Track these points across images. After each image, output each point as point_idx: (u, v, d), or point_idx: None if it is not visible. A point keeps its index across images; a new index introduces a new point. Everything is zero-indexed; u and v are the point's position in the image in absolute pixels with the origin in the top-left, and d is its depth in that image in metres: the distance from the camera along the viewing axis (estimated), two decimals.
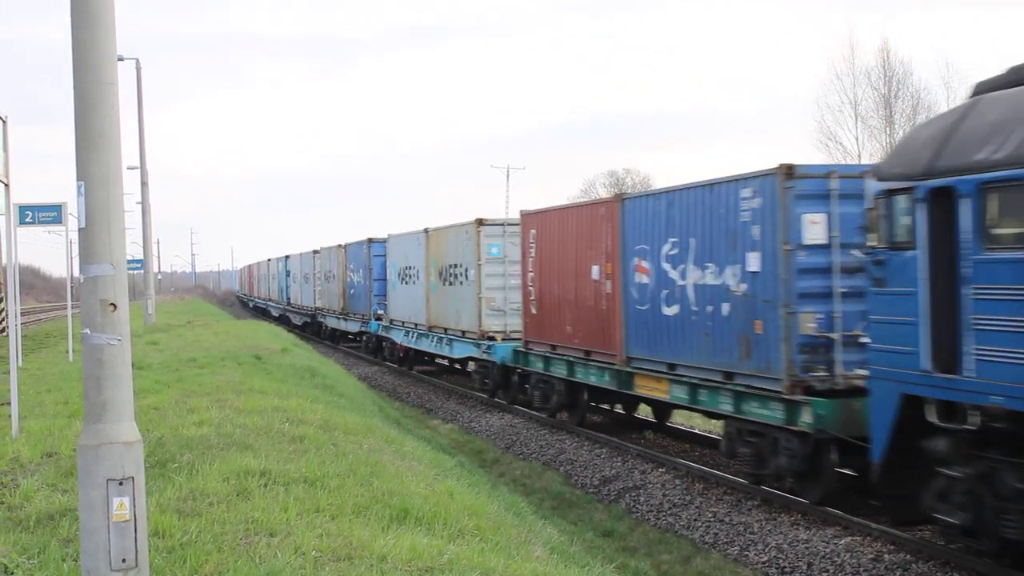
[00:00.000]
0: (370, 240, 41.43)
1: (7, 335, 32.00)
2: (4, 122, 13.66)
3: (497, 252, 27.72)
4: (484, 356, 27.64)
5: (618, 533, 15.06)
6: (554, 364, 23.30)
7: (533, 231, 24.35)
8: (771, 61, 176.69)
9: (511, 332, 27.05)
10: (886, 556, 12.88)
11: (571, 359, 22.35)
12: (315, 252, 53.93)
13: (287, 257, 65.94)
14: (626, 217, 19.82)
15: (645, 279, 19.04)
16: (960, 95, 59.69)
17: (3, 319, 41.09)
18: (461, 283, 29.21)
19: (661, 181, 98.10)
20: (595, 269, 20.91)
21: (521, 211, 25.18)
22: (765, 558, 13.67)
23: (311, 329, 56.65)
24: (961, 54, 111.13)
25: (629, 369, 19.86)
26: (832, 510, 14.55)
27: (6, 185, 14.21)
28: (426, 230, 33.25)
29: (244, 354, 26.14)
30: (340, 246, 47.02)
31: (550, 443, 21.92)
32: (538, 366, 24.28)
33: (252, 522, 8.37)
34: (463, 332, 29.25)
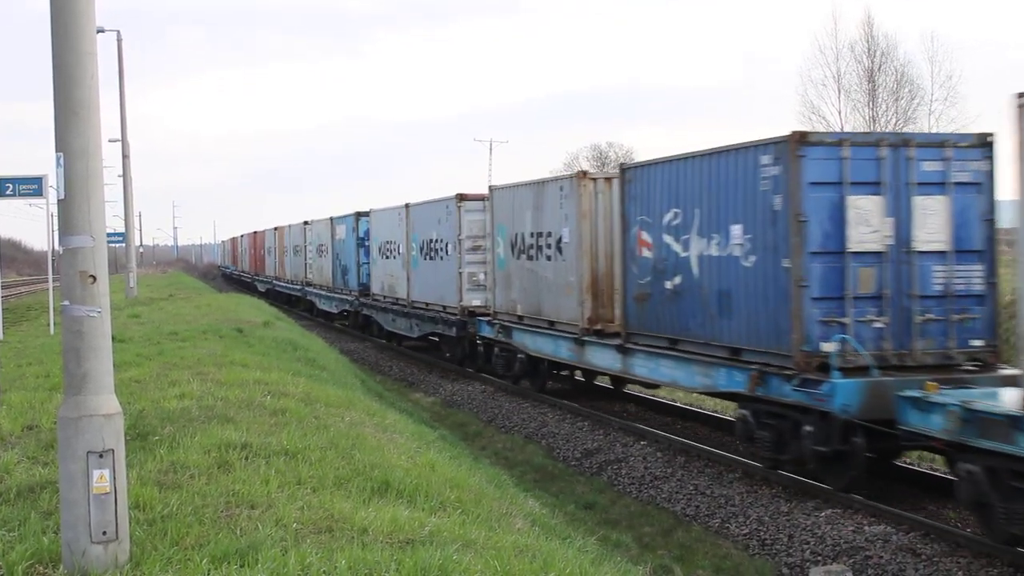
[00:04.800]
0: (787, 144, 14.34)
1: None
2: None
3: None
4: None
5: (600, 505, 15.12)
6: None
7: None
8: (757, 36, 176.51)
9: None
10: (866, 528, 12.96)
11: None
12: (462, 199, 27.89)
13: (361, 215, 39.31)
14: None
15: None
16: (945, 70, 59.80)
17: None
18: None
19: (644, 155, 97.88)
20: None
21: None
22: (746, 530, 13.74)
23: (451, 348, 29.40)
24: (946, 28, 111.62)
25: None
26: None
27: None
28: None
29: (226, 327, 26.08)
30: (599, 177, 21.02)
31: (532, 416, 21.95)
32: None
33: (233, 495, 8.36)
34: None
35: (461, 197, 27.77)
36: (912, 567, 11.73)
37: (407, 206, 32.61)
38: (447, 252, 28.63)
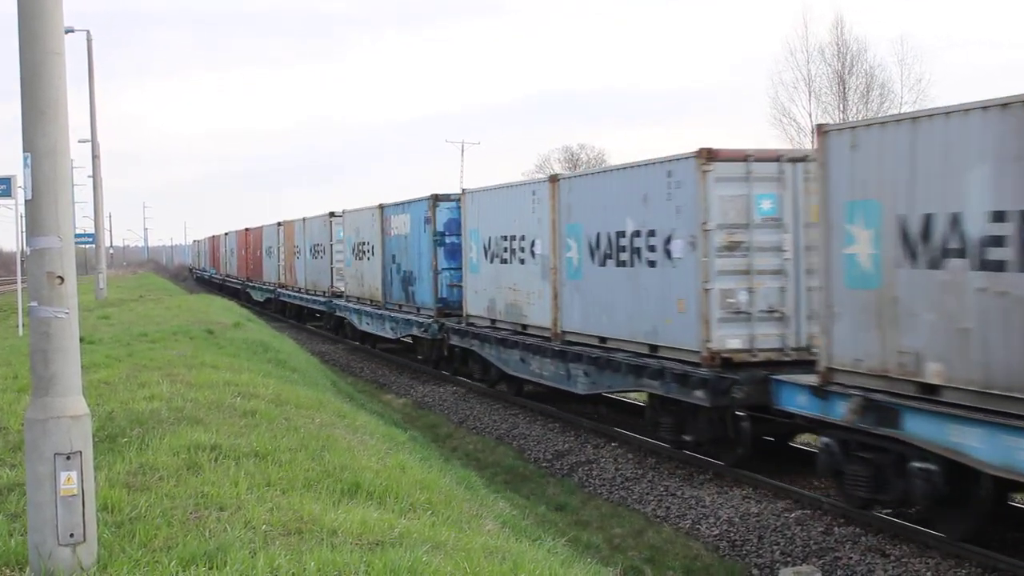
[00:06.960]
0: None
1: None
2: None
3: None
4: None
5: (571, 507, 15.13)
6: None
7: None
8: (730, 38, 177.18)
9: None
10: (836, 529, 13.04)
11: None
12: (709, 158, 15.46)
13: (441, 199, 27.42)
14: None
15: None
16: (915, 73, 60.34)
17: None
18: None
19: (617, 158, 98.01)
20: None
21: None
22: (716, 531, 13.79)
23: (690, 424, 16.50)
24: (917, 31, 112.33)
25: None
26: (785, 485, 14.73)
27: None
28: None
29: (196, 328, 25.98)
30: None
31: (504, 417, 21.95)
32: None
33: (202, 496, 8.33)
34: None
35: (709, 155, 15.53)
36: (881, 568, 11.80)
37: (554, 179, 20.95)
38: (668, 254, 16.55)
